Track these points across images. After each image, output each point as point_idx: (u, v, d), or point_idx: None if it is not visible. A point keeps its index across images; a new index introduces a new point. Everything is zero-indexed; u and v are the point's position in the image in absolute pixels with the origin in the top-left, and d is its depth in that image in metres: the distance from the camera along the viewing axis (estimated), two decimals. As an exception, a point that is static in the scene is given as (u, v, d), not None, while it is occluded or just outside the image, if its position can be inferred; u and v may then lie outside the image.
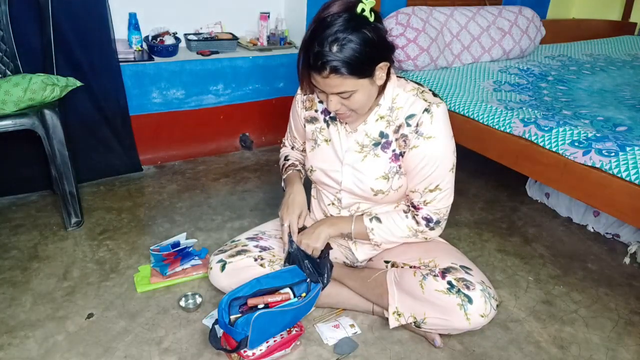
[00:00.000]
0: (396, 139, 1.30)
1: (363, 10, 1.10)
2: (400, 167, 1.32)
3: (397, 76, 1.33)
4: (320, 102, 1.41)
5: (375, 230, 1.37)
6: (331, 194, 1.45)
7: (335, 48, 1.08)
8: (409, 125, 1.26)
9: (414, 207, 1.36)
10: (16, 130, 1.68)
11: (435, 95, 1.29)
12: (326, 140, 1.40)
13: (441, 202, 1.32)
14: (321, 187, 1.48)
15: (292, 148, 1.63)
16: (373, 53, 1.13)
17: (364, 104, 1.22)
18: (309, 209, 1.60)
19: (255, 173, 2.46)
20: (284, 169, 1.57)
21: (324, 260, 1.40)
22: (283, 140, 1.65)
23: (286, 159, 1.60)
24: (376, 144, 1.32)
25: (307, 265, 1.37)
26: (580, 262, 1.84)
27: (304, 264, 1.37)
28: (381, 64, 1.16)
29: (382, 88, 1.26)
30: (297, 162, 1.57)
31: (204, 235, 1.90)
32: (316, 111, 1.42)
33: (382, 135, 1.31)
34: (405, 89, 1.30)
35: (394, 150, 1.31)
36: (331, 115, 1.39)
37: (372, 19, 1.11)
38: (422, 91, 1.29)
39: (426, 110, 1.24)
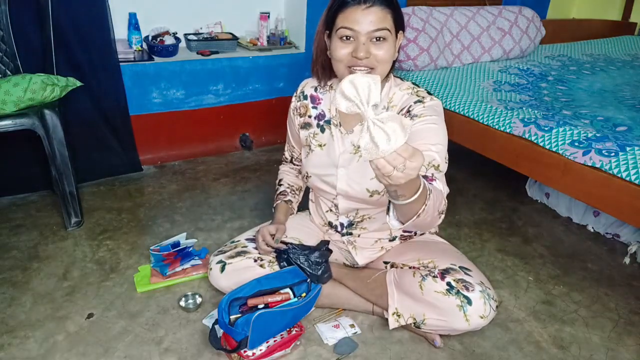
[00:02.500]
0: None
1: None
2: None
3: (394, 75, 1.34)
4: (314, 107, 1.40)
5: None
6: (328, 200, 1.45)
7: None
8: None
9: (425, 177, 1.25)
10: (16, 130, 1.68)
11: (430, 94, 1.30)
12: (320, 145, 1.40)
13: (443, 186, 1.18)
14: (318, 194, 1.48)
15: (292, 160, 1.62)
16: (402, 15, 1.20)
17: (387, 61, 1.20)
18: (307, 209, 1.61)
19: (255, 173, 2.46)
20: (275, 196, 1.58)
21: (322, 256, 1.40)
22: (284, 152, 1.64)
23: (280, 183, 1.60)
24: None
25: (304, 263, 1.38)
26: (580, 262, 1.84)
27: (301, 262, 1.38)
28: (401, 32, 1.22)
29: (392, 66, 1.26)
30: (287, 190, 1.57)
31: (204, 235, 1.90)
32: (309, 117, 1.42)
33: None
34: (401, 87, 1.31)
35: None
36: (325, 119, 1.38)
37: None
38: (417, 91, 1.30)
39: (419, 101, 1.26)
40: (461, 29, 2.52)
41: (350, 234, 1.48)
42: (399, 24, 1.21)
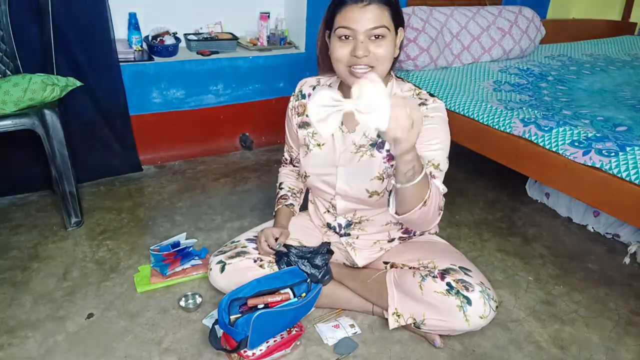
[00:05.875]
0: None
1: None
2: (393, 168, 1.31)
3: (396, 77, 1.34)
4: None
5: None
6: (326, 200, 1.45)
7: None
8: None
9: None
10: (16, 130, 1.68)
11: (432, 95, 1.29)
12: (318, 145, 1.39)
13: (440, 184, 1.21)
14: (316, 194, 1.48)
15: (292, 161, 1.61)
16: (400, 11, 1.20)
17: (387, 59, 1.17)
18: (307, 208, 1.60)
19: (255, 173, 2.46)
20: (276, 200, 1.57)
21: (323, 259, 1.40)
22: (284, 153, 1.63)
23: (280, 186, 1.60)
24: (373, 145, 1.32)
25: (305, 265, 1.38)
26: (580, 262, 1.83)
27: (302, 264, 1.38)
28: (401, 29, 1.21)
29: (393, 63, 1.23)
30: (288, 193, 1.57)
31: (204, 235, 1.90)
32: (307, 115, 1.40)
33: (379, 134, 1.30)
34: (403, 89, 1.31)
35: (388, 150, 1.31)
36: None
37: None
38: (419, 93, 1.30)
39: (422, 104, 1.26)
40: (461, 29, 2.52)
41: (349, 234, 1.47)
42: (398, 21, 1.19)
